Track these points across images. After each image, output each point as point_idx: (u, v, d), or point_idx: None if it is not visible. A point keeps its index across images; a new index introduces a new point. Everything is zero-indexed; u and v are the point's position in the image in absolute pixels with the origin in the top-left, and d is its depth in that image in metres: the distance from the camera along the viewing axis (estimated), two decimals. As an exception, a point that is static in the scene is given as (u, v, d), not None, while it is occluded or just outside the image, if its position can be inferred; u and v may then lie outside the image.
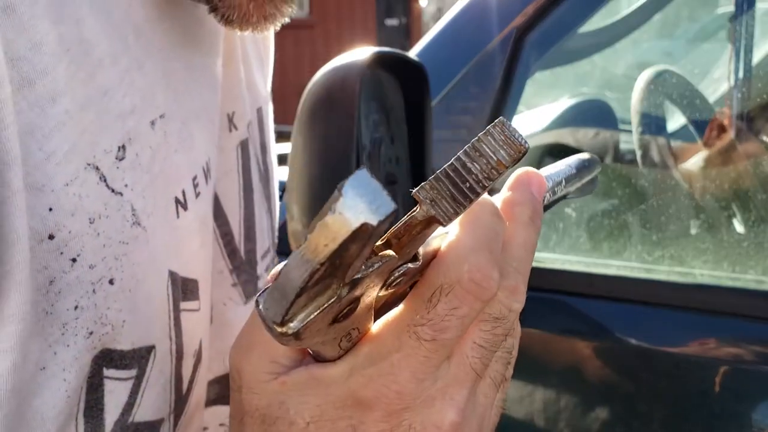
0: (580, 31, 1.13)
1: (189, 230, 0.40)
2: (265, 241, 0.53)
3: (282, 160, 1.47)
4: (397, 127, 0.83)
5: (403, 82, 0.83)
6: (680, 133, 1.26)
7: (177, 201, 0.39)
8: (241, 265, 0.49)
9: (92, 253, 0.33)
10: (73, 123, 0.32)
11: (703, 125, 1.18)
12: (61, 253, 0.31)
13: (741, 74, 1.19)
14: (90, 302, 0.33)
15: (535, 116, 1.22)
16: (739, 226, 1.04)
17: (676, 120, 1.29)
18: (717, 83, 1.34)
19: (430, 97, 0.83)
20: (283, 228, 1.11)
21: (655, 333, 0.84)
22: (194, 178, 0.41)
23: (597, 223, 1.05)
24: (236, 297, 0.49)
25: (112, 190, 0.34)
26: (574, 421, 0.87)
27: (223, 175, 0.47)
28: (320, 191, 0.68)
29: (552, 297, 0.90)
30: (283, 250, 1.01)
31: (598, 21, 1.24)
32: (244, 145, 0.50)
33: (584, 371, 0.87)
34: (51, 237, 0.31)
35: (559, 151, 1.18)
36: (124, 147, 0.35)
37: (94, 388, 0.34)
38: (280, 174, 1.29)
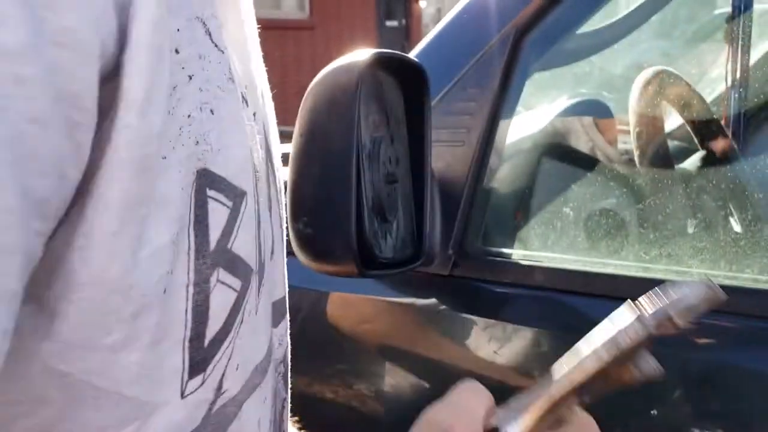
0: (579, 32, 1.14)
1: (251, 128, 0.45)
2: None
3: (283, 160, 1.47)
4: (396, 127, 0.83)
5: (403, 82, 0.83)
6: (677, 133, 1.27)
7: (242, 96, 0.44)
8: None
9: (201, 80, 0.38)
10: None
11: (700, 125, 1.19)
12: (183, 68, 0.37)
13: (738, 75, 1.19)
14: (198, 116, 0.38)
15: (533, 116, 1.23)
16: (736, 225, 1.04)
17: (673, 120, 1.30)
18: (714, 83, 1.35)
19: (429, 98, 0.83)
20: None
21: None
22: (242, 94, 0.45)
23: (595, 222, 1.05)
24: None
25: (215, 45, 0.39)
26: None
27: None
28: (321, 191, 0.69)
29: (550, 296, 0.91)
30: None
31: (596, 22, 1.25)
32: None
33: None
34: (177, 51, 0.36)
35: (557, 151, 1.19)
36: (219, 20, 0.40)
37: (200, 204, 0.38)
38: (281, 174, 1.29)
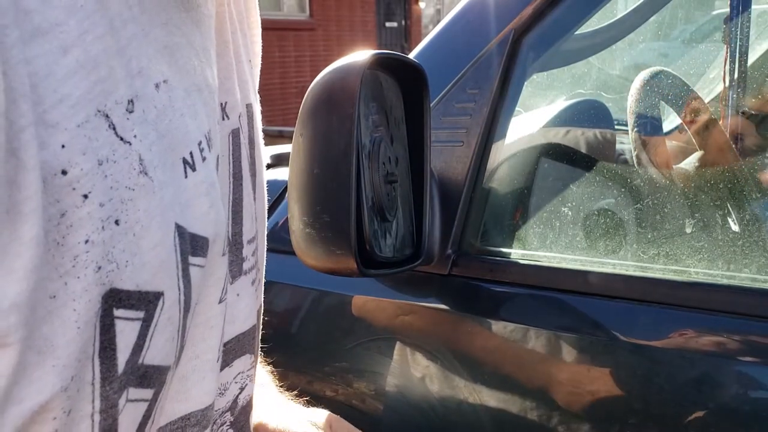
0: (577, 33, 1.14)
1: (198, 191, 0.42)
2: (251, 227, 0.55)
3: (283, 159, 1.48)
4: (396, 127, 0.84)
5: (403, 83, 0.84)
6: (675, 133, 1.27)
7: (185, 161, 0.41)
8: (228, 245, 0.51)
9: (102, 193, 0.35)
10: (84, 72, 0.35)
11: (698, 125, 1.20)
12: (74, 188, 0.34)
13: (736, 75, 1.20)
14: (99, 238, 0.35)
15: (532, 117, 1.23)
16: (734, 225, 1.04)
17: (671, 120, 1.30)
18: (713, 84, 1.35)
19: (428, 98, 0.84)
20: (283, 227, 1.12)
21: (650, 330, 0.85)
22: (200, 143, 0.43)
23: (593, 221, 1.05)
24: None
25: (121, 138, 0.36)
26: (570, 418, 0.88)
27: (218, 157, 0.49)
28: (320, 191, 0.69)
29: (549, 295, 0.91)
30: (282, 249, 1.02)
31: (595, 23, 1.25)
32: (235, 134, 0.52)
33: (580, 369, 0.88)
34: (64, 172, 0.33)
35: (555, 152, 1.20)
36: (132, 102, 0.37)
37: (106, 329, 0.36)
38: (282, 174, 1.30)
